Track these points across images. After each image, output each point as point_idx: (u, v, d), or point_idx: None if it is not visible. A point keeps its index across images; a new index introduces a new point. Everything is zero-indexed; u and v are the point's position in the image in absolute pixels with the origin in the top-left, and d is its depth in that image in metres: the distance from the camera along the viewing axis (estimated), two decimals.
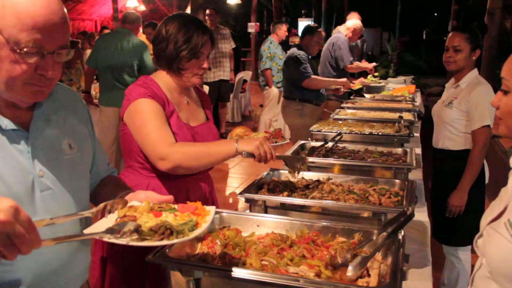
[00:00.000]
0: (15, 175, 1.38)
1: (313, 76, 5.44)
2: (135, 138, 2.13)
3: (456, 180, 3.33)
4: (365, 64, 7.02)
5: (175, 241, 1.32)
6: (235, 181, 6.86)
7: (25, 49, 1.27)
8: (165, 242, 1.31)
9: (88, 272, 1.70)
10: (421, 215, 2.73)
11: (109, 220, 1.44)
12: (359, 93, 6.49)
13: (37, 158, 1.43)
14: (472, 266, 3.43)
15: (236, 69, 11.50)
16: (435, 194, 3.64)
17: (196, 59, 2.19)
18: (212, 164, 2.12)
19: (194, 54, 2.18)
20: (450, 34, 3.42)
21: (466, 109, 3.27)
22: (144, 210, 1.45)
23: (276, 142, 2.13)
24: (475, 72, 3.35)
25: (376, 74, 7.52)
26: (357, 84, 6.53)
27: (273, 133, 2.17)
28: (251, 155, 2.04)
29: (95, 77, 6.57)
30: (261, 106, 9.32)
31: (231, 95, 10.10)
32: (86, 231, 1.35)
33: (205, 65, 2.21)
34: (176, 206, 1.52)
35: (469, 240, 3.49)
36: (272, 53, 8.21)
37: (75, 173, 1.57)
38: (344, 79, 5.80)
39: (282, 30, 8.38)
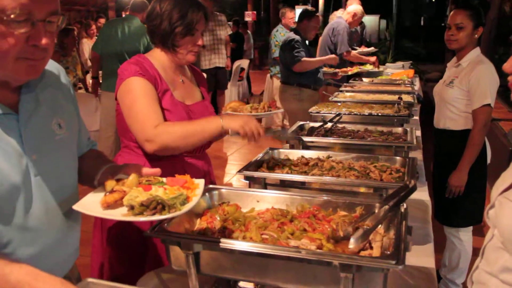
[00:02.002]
0: (10, 161, 1.31)
1: (303, 59, 5.39)
2: (125, 118, 2.10)
3: (457, 161, 3.30)
4: (366, 57, 6.97)
5: (167, 215, 1.30)
6: (234, 168, 6.82)
7: (12, 16, 1.17)
8: (157, 217, 1.29)
9: (78, 253, 1.67)
10: (422, 194, 2.72)
11: (99, 194, 1.43)
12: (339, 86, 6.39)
13: (29, 141, 1.37)
14: (474, 248, 3.44)
15: (239, 57, 11.45)
16: (436, 175, 3.62)
17: (190, 36, 2.17)
18: (200, 142, 2.09)
19: (189, 30, 2.15)
20: (452, 12, 3.36)
21: (467, 88, 3.23)
22: (132, 183, 1.43)
23: (270, 110, 2.09)
24: (477, 50, 3.31)
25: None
26: (355, 68, 6.48)
27: (267, 103, 2.12)
28: (237, 133, 2.01)
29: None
30: (261, 94, 9.27)
31: (229, 83, 10.03)
32: (75, 207, 1.33)
33: (200, 42, 2.19)
34: (164, 179, 1.50)
35: (470, 221, 3.50)
36: (279, 41, 8.10)
37: (66, 154, 1.53)
38: (333, 56, 5.82)
39: (287, 17, 8.21)
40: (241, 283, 1.72)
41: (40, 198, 1.39)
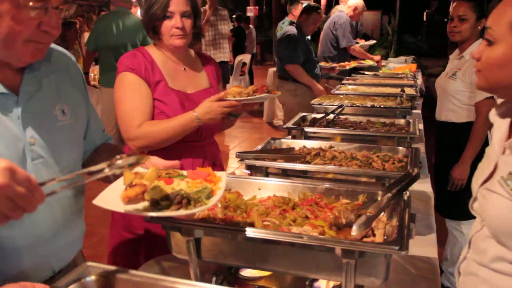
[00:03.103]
0: (5, 143, 1.29)
1: (298, 66, 5.27)
2: (115, 112, 2.18)
3: (459, 153, 3.28)
4: (371, 55, 6.93)
5: (193, 210, 1.25)
6: (236, 162, 6.80)
7: (30, 3, 1.19)
8: (183, 212, 1.24)
9: (82, 242, 1.65)
10: (425, 185, 2.71)
11: (117, 187, 1.38)
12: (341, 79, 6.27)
13: (28, 124, 1.35)
14: None
15: (241, 51, 11.43)
16: (439, 168, 3.60)
17: (168, 19, 2.16)
18: (180, 136, 2.12)
19: (164, 14, 2.15)
20: (455, 3, 3.34)
21: (470, 80, 3.20)
22: (152, 176, 1.36)
23: (269, 92, 2.07)
24: (480, 42, 3.28)
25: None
26: (353, 63, 6.42)
27: (254, 87, 2.09)
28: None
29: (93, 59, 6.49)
30: None
31: (231, 77, 10.03)
32: (95, 202, 1.28)
33: (179, 24, 2.15)
34: (185, 172, 1.45)
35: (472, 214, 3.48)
36: None
37: (68, 141, 1.50)
38: (322, 89, 5.43)
39: (298, 9, 8.13)
40: (242, 271, 1.71)
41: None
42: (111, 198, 1.32)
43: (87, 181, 1.20)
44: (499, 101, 1.58)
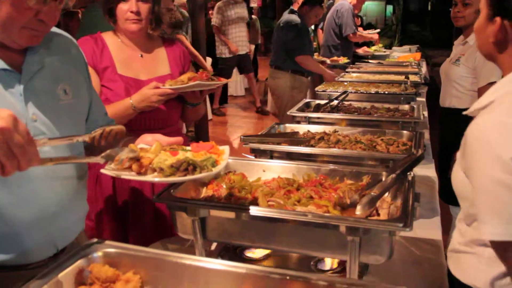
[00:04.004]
0: None
1: (309, 56, 5.14)
2: None
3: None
4: (369, 35, 6.89)
5: (200, 175, 1.26)
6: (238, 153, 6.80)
7: None
8: (189, 177, 1.25)
9: (84, 222, 1.67)
10: (429, 171, 2.71)
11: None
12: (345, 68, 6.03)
13: (30, 101, 1.37)
14: None
15: None
16: (442, 154, 3.60)
17: (123, 2, 2.14)
18: (118, 120, 2.01)
19: None
20: None
21: (473, 66, 3.19)
22: (156, 150, 1.38)
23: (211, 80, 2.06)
24: None
25: (380, 45, 7.41)
26: (344, 59, 6.27)
27: (190, 74, 2.08)
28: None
29: None
30: (266, 80, 9.23)
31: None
32: (103, 171, 1.30)
33: (134, 8, 2.13)
34: (188, 147, 1.46)
35: None
36: None
37: (70, 120, 1.51)
38: (332, 73, 5.16)
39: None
40: (247, 252, 1.72)
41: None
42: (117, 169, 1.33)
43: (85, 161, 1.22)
44: None
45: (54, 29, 1.51)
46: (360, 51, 6.86)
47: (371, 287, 1.02)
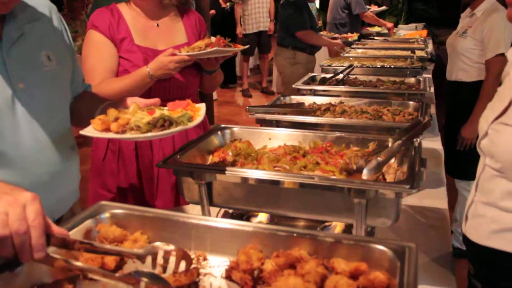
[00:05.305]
0: None
1: (310, 31, 5.07)
2: None
3: (469, 113, 3.26)
4: (383, 21, 6.81)
5: (176, 129, 1.29)
6: None
7: None
8: (166, 131, 1.29)
9: (79, 191, 1.68)
10: (435, 143, 2.70)
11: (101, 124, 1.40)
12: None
13: (15, 69, 1.36)
14: None
15: None
16: (449, 128, 3.59)
17: None
18: (135, 92, 2.05)
19: None
20: None
21: (480, 37, 3.17)
22: (134, 111, 1.41)
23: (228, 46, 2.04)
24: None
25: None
26: (355, 35, 6.22)
27: (206, 41, 2.05)
28: None
29: None
30: (272, 60, 9.19)
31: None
32: (82, 132, 1.33)
33: None
34: (165, 108, 1.47)
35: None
36: None
37: (55, 86, 1.52)
38: (340, 42, 5.32)
39: None
40: (252, 220, 1.72)
41: (29, 128, 1.39)
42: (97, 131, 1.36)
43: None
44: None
45: None
46: (363, 30, 6.81)
47: (378, 243, 1.02)
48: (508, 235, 1.42)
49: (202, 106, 1.45)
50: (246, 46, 2.21)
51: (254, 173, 1.38)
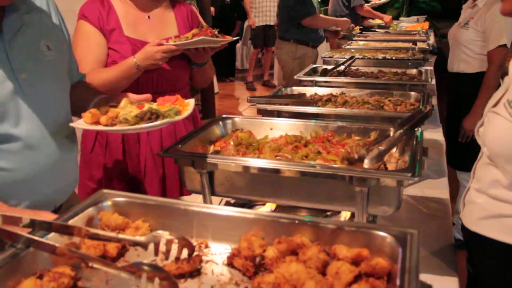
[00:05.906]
0: None
1: (316, 14, 4.92)
2: None
3: (471, 104, 3.26)
4: (382, 14, 6.79)
5: (162, 121, 1.31)
6: None
7: None
8: (153, 123, 1.30)
9: (78, 179, 1.70)
10: (437, 135, 2.70)
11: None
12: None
13: (17, 59, 1.37)
14: None
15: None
16: (450, 119, 3.59)
17: None
18: (123, 83, 2.06)
19: None
20: None
21: (482, 29, 3.15)
22: (124, 105, 1.45)
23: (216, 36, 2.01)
24: None
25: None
26: (357, 28, 6.20)
27: (197, 30, 2.02)
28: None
29: None
30: (273, 53, 9.20)
31: (240, 42, 10.00)
32: (73, 124, 1.37)
33: None
34: (155, 103, 1.49)
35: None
36: None
37: (56, 75, 1.53)
38: (346, 19, 5.28)
39: None
40: (255, 210, 1.73)
41: (32, 118, 1.40)
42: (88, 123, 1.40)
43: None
44: None
45: None
46: (365, 23, 6.78)
47: (380, 229, 1.02)
48: (494, 222, 1.43)
49: (191, 102, 1.48)
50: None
51: (255, 162, 1.39)
